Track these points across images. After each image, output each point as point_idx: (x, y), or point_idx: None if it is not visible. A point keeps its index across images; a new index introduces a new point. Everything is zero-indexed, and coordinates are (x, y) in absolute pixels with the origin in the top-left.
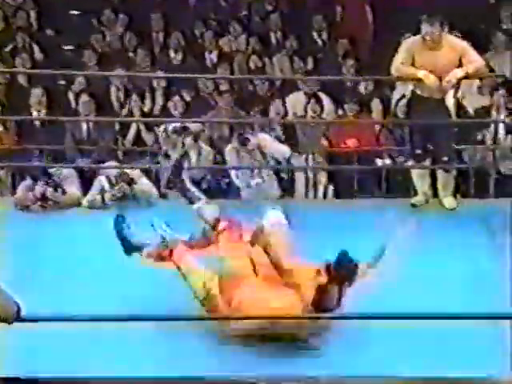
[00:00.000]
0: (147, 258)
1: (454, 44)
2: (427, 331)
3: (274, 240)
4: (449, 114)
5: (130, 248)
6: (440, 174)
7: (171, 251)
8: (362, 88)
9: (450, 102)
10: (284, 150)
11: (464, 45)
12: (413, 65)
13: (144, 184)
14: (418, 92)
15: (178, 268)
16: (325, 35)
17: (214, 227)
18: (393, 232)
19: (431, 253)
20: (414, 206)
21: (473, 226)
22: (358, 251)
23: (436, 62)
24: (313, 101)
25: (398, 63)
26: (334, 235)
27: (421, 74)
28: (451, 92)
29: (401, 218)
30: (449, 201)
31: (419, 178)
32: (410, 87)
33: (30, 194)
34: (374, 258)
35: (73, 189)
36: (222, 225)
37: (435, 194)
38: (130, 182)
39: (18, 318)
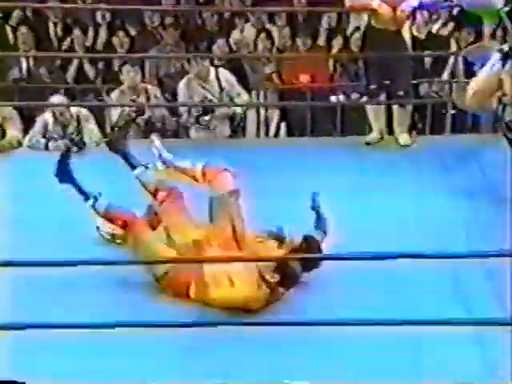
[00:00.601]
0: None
1: None
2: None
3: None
4: (405, 48)
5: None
6: (396, 109)
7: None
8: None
9: (406, 34)
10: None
11: None
12: None
13: (92, 126)
14: (373, 24)
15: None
16: None
17: (154, 196)
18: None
19: (383, 191)
20: (368, 143)
21: (427, 164)
22: (306, 193)
23: None
24: (263, 35)
25: None
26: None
27: (374, 3)
28: (407, 24)
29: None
30: (403, 137)
31: (374, 115)
32: (365, 19)
33: None
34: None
35: (13, 131)
36: (160, 195)
37: (390, 132)
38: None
39: None
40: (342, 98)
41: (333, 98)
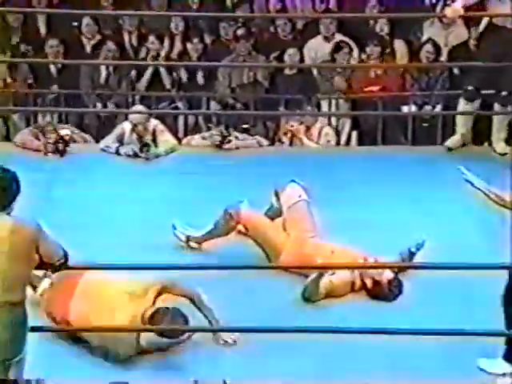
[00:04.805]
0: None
1: None
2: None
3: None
4: None
5: None
6: (495, 116)
7: None
8: (378, 28)
9: None
10: None
11: None
12: None
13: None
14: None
15: None
16: None
17: None
18: None
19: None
20: (449, 149)
21: None
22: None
23: None
24: (346, 50)
25: None
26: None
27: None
28: None
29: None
30: (501, 146)
31: (463, 119)
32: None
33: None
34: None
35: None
36: None
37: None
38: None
39: (66, 265)
40: (413, 108)
41: (404, 108)
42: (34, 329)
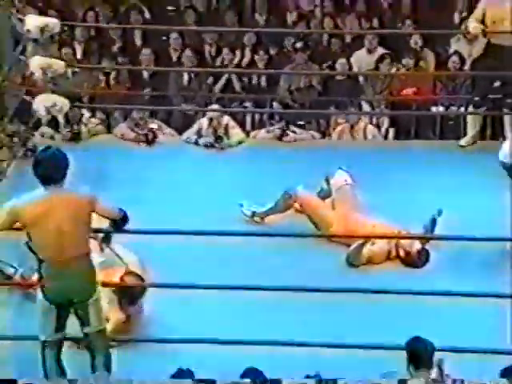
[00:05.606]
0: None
1: None
2: None
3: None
4: None
5: None
6: (506, 116)
7: None
8: (413, 43)
9: None
10: None
11: None
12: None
13: (237, 131)
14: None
15: None
16: None
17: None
18: None
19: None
20: (462, 146)
21: None
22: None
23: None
24: (387, 60)
25: (471, 19)
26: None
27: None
28: None
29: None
30: None
31: (472, 122)
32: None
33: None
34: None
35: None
36: None
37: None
38: (226, 127)
39: (126, 223)
40: (441, 108)
41: (433, 109)
42: None
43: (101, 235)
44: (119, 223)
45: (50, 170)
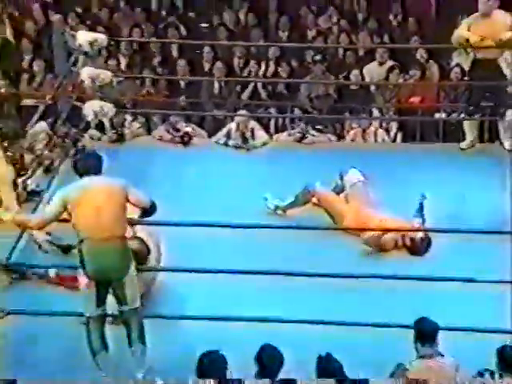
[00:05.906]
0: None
1: (504, 14)
2: None
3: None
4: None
5: None
6: (500, 122)
7: None
8: (419, 56)
9: (503, 63)
10: None
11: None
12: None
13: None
14: (479, 56)
15: None
16: (399, 17)
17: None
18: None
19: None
20: (462, 149)
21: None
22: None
23: (489, 28)
24: (396, 71)
25: (457, 32)
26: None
27: (467, 34)
28: (505, 55)
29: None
30: (509, 142)
31: (469, 128)
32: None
33: (173, 132)
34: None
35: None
36: None
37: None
38: (252, 130)
39: (154, 212)
40: (443, 115)
41: (437, 115)
42: None
43: None
44: (148, 211)
45: (89, 163)
